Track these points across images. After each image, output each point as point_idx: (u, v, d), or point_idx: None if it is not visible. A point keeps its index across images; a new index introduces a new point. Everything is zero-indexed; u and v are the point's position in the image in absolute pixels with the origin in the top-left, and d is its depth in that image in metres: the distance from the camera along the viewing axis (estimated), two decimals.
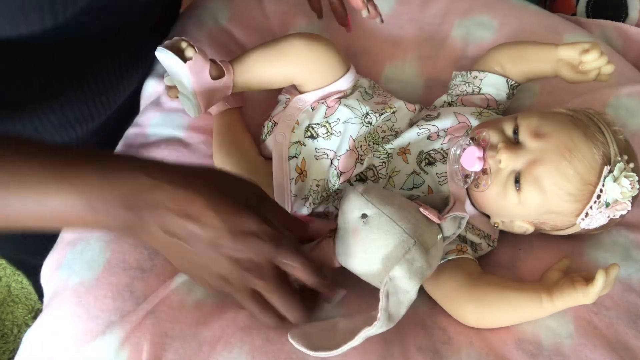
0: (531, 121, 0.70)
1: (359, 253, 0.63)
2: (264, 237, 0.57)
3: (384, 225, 0.62)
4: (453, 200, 0.68)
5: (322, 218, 0.77)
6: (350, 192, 0.65)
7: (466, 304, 0.69)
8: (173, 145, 0.80)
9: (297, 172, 0.77)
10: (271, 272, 0.59)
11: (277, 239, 0.58)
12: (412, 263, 0.61)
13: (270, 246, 0.57)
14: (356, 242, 0.63)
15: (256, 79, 0.79)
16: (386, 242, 0.62)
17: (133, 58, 0.81)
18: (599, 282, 0.63)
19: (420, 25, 0.92)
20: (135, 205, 0.56)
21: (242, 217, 0.57)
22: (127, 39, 0.76)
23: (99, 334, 0.66)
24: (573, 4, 1.02)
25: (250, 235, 0.57)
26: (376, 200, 0.63)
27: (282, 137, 0.79)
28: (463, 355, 0.67)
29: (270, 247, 0.57)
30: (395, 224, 0.62)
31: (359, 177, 0.76)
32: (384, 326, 0.60)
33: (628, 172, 0.67)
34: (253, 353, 0.65)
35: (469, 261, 0.72)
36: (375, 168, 0.76)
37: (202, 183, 0.57)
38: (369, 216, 0.63)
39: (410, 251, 0.61)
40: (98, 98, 0.77)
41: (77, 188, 0.55)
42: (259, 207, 0.59)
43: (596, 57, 0.73)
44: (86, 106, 0.76)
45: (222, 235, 0.57)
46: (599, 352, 0.66)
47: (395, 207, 0.63)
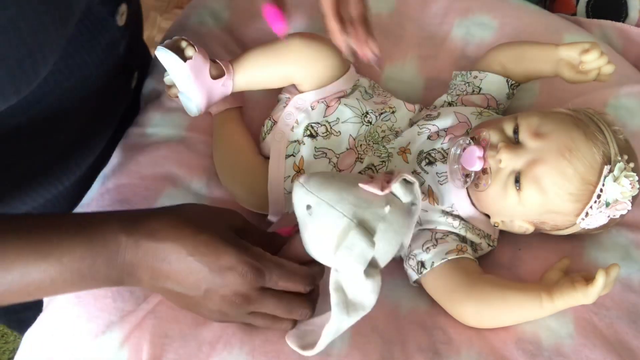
0: (531, 121, 0.70)
1: (315, 247, 0.62)
2: (244, 268, 0.58)
3: (324, 214, 0.60)
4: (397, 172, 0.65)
5: None
6: (294, 187, 0.63)
7: (466, 304, 0.69)
8: (173, 145, 0.80)
9: (294, 170, 0.77)
10: (264, 296, 0.60)
11: (256, 268, 0.59)
12: (351, 249, 0.59)
13: (252, 276, 0.58)
14: (309, 236, 0.62)
15: (256, 79, 0.79)
16: (331, 231, 0.60)
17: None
18: (599, 282, 0.63)
19: (420, 25, 0.92)
20: (121, 264, 0.58)
21: (219, 253, 0.58)
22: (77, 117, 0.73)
23: (99, 334, 0.66)
24: (573, 4, 1.02)
25: (230, 270, 0.58)
26: (315, 187, 0.61)
27: (280, 135, 0.79)
28: (463, 355, 0.67)
29: (253, 276, 0.58)
30: (333, 209, 0.60)
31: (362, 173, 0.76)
32: (345, 319, 0.60)
33: (628, 172, 0.67)
34: (253, 353, 0.65)
35: (469, 261, 0.72)
36: (375, 167, 0.76)
37: (175, 228, 0.59)
38: (312, 206, 0.61)
39: (349, 236, 0.59)
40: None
41: (60, 260, 0.56)
42: (237, 235, 0.61)
43: (596, 57, 0.73)
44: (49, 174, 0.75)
45: (206, 276, 0.58)
46: (599, 352, 0.66)
47: (333, 190, 0.61)
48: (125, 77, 0.82)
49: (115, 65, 0.75)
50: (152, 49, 1.55)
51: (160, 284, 0.59)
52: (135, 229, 0.58)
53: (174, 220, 0.60)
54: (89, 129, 0.77)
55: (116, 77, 0.77)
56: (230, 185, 0.79)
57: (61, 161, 0.75)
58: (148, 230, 0.58)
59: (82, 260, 0.57)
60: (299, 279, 0.61)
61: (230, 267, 0.58)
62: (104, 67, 0.71)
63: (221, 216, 0.63)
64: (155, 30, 1.94)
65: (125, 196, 0.75)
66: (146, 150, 0.79)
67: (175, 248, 0.58)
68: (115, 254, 0.58)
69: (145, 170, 0.77)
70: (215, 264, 0.58)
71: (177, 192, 0.77)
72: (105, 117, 0.80)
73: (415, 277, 0.73)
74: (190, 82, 0.74)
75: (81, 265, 0.57)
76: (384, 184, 0.61)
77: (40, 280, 0.56)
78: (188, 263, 0.58)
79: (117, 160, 0.79)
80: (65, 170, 0.76)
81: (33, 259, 0.56)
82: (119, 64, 0.76)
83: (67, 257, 0.56)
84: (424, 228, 0.75)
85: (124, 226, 0.58)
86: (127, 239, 0.58)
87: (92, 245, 0.57)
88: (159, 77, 0.86)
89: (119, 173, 0.77)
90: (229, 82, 0.77)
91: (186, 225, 0.59)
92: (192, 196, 0.77)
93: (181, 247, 0.58)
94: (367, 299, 0.60)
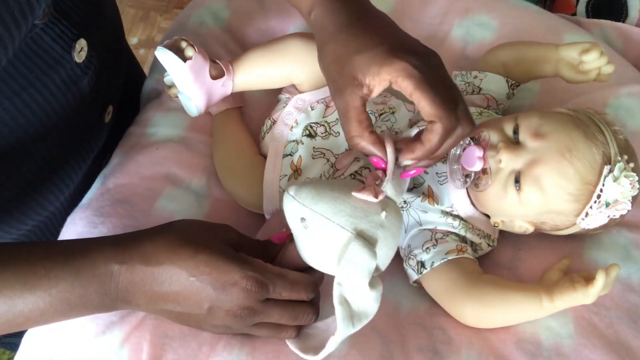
0: (531, 121, 0.70)
1: (313, 258, 0.62)
2: (248, 282, 0.58)
3: (321, 227, 0.59)
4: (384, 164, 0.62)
5: None
6: (285, 199, 0.62)
7: (466, 304, 0.69)
8: (173, 145, 0.80)
9: (291, 169, 0.77)
10: (268, 307, 0.60)
11: (260, 281, 0.58)
12: (353, 262, 0.59)
13: (256, 289, 0.58)
14: (305, 248, 0.62)
15: (256, 79, 0.79)
16: (330, 244, 0.60)
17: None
18: (599, 282, 0.63)
19: (420, 25, 0.92)
20: (115, 291, 0.57)
21: (221, 271, 0.57)
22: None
23: (99, 334, 0.66)
24: (573, 4, 1.02)
25: (234, 285, 0.57)
26: (307, 200, 0.60)
27: (279, 134, 0.79)
28: (463, 355, 0.67)
29: (257, 289, 0.58)
30: (330, 222, 0.59)
31: (353, 175, 0.76)
32: (350, 329, 0.60)
33: (628, 172, 0.67)
34: (253, 353, 0.65)
35: (469, 261, 0.72)
36: (371, 165, 0.76)
37: (171, 250, 0.58)
38: (306, 219, 0.60)
39: (349, 248, 0.59)
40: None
41: (49, 292, 0.55)
42: (235, 249, 0.60)
43: (596, 57, 0.73)
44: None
45: (210, 294, 0.57)
46: (599, 352, 0.66)
47: (327, 201, 0.60)
48: (97, 112, 0.78)
49: (79, 101, 0.71)
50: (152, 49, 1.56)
51: (159, 307, 0.59)
52: (129, 255, 0.57)
53: (169, 242, 0.58)
54: (57, 165, 0.74)
55: (83, 113, 0.73)
56: (230, 185, 0.79)
57: (25, 199, 0.73)
58: (142, 255, 0.57)
59: (71, 290, 0.56)
60: (301, 287, 0.61)
61: (234, 282, 0.57)
62: (61, 104, 0.68)
63: (215, 231, 0.62)
64: (155, 30, 1.95)
65: (125, 196, 0.75)
66: (146, 150, 0.79)
67: (175, 270, 0.57)
68: (107, 283, 0.57)
69: (145, 170, 0.77)
70: (219, 281, 0.57)
71: (177, 192, 0.77)
72: (77, 153, 0.77)
73: (415, 277, 0.73)
74: (190, 82, 0.74)
75: (71, 295, 0.56)
76: (377, 190, 0.60)
77: (29, 311, 0.55)
78: (190, 284, 0.57)
79: (117, 160, 0.79)
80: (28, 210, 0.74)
81: (19, 291, 0.54)
82: (85, 100, 0.72)
83: (56, 289, 0.55)
84: (424, 228, 0.75)
85: (116, 253, 0.57)
86: (120, 267, 0.57)
87: (82, 275, 0.56)
88: (158, 77, 0.86)
89: (119, 173, 0.77)
90: (229, 82, 0.77)
91: (182, 246, 0.58)
92: (192, 196, 0.77)
93: (181, 269, 0.57)
94: (370, 308, 0.61)
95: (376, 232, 0.59)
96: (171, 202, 0.76)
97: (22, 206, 0.72)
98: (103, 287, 0.57)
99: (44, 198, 0.75)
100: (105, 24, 0.76)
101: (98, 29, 0.72)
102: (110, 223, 0.72)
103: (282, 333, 0.63)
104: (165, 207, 0.75)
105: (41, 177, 0.72)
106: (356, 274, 0.59)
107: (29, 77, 0.62)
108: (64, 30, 0.65)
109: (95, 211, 0.74)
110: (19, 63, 0.61)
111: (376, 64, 0.57)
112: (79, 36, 0.67)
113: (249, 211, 0.79)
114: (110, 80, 0.79)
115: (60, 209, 0.78)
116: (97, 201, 0.75)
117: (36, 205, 0.74)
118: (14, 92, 0.62)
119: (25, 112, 0.64)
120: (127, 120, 0.84)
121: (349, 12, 0.60)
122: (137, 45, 1.90)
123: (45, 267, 0.56)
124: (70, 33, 0.66)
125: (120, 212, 0.74)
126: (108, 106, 0.80)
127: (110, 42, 0.77)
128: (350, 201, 0.60)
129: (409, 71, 0.57)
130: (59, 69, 0.66)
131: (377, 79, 0.58)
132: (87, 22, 0.69)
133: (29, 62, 0.62)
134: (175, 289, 0.57)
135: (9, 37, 0.55)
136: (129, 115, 0.85)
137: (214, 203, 0.78)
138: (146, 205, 0.75)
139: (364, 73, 0.58)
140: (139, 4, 2.01)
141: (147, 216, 0.74)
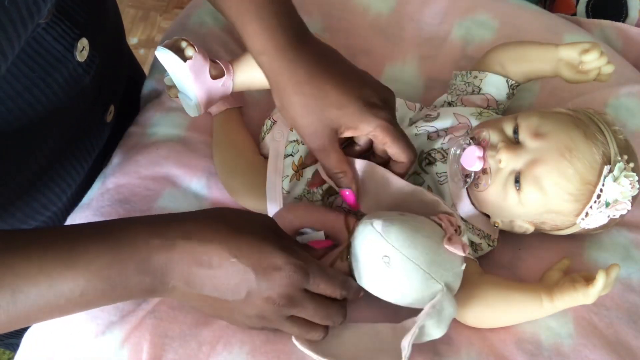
0: (531, 121, 0.70)
1: (381, 291, 0.63)
2: (291, 268, 0.57)
3: (409, 272, 0.60)
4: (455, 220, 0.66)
5: None
6: (368, 232, 0.63)
7: (466, 304, 0.69)
8: (173, 145, 0.80)
9: (293, 169, 0.77)
10: (306, 299, 0.59)
11: (303, 268, 0.58)
12: (441, 312, 0.61)
13: (299, 277, 0.57)
14: (378, 281, 0.63)
15: (256, 79, 0.79)
16: (413, 289, 0.61)
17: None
18: (599, 282, 0.63)
19: (420, 25, 0.92)
20: (153, 269, 0.55)
21: (264, 254, 0.56)
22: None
23: (99, 334, 0.66)
24: (573, 4, 1.02)
25: (277, 271, 0.57)
26: (398, 242, 0.61)
27: (280, 134, 0.79)
28: (463, 355, 0.67)
29: (299, 277, 0.57)
30: (420, 269, 0.60)
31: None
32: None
33: (628, 172, 0.67)
34: (253, 353, 0.65)
35: (469, 261, 0.72)
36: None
37: (215, 230, 0.57)
38: (391, 259, 0.61)
39: (440, 299, 0.60)
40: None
41: (88, 268, 0.53)
42: (276, 238, 0.59)
43: (596, 57, 0.73)
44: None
45: (250, 278, 0.56)
46: (599, 352, 0.66)
47: (420, 249, 0.61)
48: (99, 111, 0.78)
49: (81, 101, 0.71)
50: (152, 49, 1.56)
51: (196, 291, 0.57)
52: (169, 230, 0.56)
53: (211, 221, 0.58)
54: (60, 165, 0.74)
55: (85, 113, 0.73)
56: (230, 186, 0.79)
57: (28, 199, 0.72)
58: (183, 232, 0.56)
59: (110, 266, 0.54)
60: (338, 283, 0.60)
61: (277, 268, 0.56)
62: (64, 104, 0.67)
63: (257, 218, 0.62)
64: (155, 30, 1.95)
65: (125, 196, 0.75)
66: (146, 150, 0.79)
67: (217, 249, 0.55)
68: (147, 259, 0.55)
69: (145, 170, 0.77)
70: (261, 265, 0.56)
71: (177, 192, 0.77)
72: (79, 153, 0.77)
73: None
74: (190, 82, 0.74)
75: (110, 272, 0.54)
76: (464, 244, 0.62)
77: (70, 291, 0.53)
78: (231, 265, 0.56)
79: (117, 160, 0.79)
80: (31, 211, 0.73)
81: (59, 270, 0.52)
82: (87, 100, 0.72)
83: (95, 265, 0.53)
84: None
85: (155, 228, 0.56)
86: (160, 241, 0.55)
87: (121, 250, 0.54)
88: (159, 77, 0.86)
89: (119, 173, 0.77)
90: (229, 82, 0.77)
91: (225, 226, 0.57)
92: (192, 196, 0.77)
93: (223, 248, 0.55)
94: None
95: (457, 283, 0.63)
96: (171, 202, 0.76)
97: (25, 206, 0.72)
98: (142, 264, 0.55)
99: (46, 198, 0.74)
100: (107, 23, 0.76)
101: (99, 29, 0.72)
102: None
103: (311, 332, 0.61)
104: (165, 207, 0.75)
105: (44, 177, 0.72)
106: (442, 323, 0.61)
107: (32, 77, 0.62)
108: (65, 29, 0.65)
109: (95, 211, 0.74)
110: (22, 63, 0.61)
111: (354, 120, 0.65)
112: (81, 35, 0.67)
113: None
114: (111, 80, 0.78)
115: (62, 208, 0.77)
116: (97, 201, 0.75)
117: (39, 206, 0.74)
118: (17, 93, 0.61)
119: (28, 112, 0.63)
120: (127, 121, 0.84)
121: (307, 62, 0.64)
122: (137, 45, 1.90)
123: (84, 244, 0.54)
124: (72, 32, 0.66)
125: (120, 212, 0.74)
126: (110, 106, 0.80)
127: (111, 41, 0.77)
128: (441, 251, 0.62)
129: (385, 126, 0.65)
130: (61, 69, 0.66)
131: (356, 131, 0.66)
132: (89, 21, 0.69)
133: (32, 62, 0.62)
134: (215, 269, 0.55)
135: (17, 36, 0.55)
136: (129, 115, 0.85)
137: (214, 203, 0.78)
138: (146, 206, 0.75)
139: (343, 127, 0.66)
140: (139, 4, 2.01)
141: None
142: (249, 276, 0.56)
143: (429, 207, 0.68)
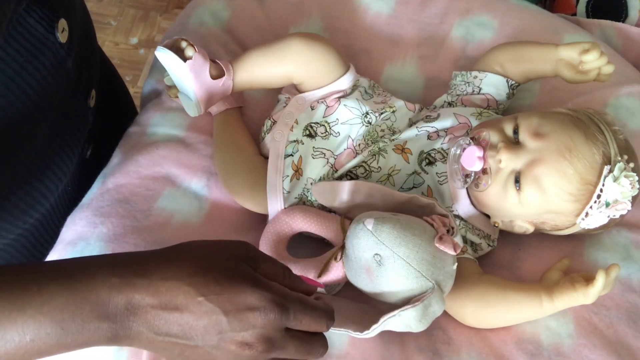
0: (531, 121, 0.70)
1: (373, 290, 0.63)
2: (267, 307, 0.50)
3: (399, 269, 0.61)
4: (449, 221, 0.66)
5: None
6: (359, 231, 0.63)
7: (466, 304, 0.69)
8: (173, 145, 0.80)
9: (293, 169, 0.77)
10: (286, 339, 0.52)
11: (281, 305, 0.51)
12: (427, 307, 0.61)
13: (277, 315, 0.51)
14: (370, 280, 0.63)
15: (256, 79, 0.79)
16: (403, 287, 0.61)
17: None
18: (599, 282, 0.63)
19: (420, 25, 0.92)
20: (113, 312, 0.49)
21: (235, 292, 0.50)
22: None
23: None
24: (573, 4, 1.02)
25: (251, 311, 0.50)
26: (389, 240, 0.61)
27: (280, 135, 0.79)
28: (463, 355, 0.67)
29: (278, 316, 0.51)
30: (411, 267, 0.61)
31: (349, 175, 0.76)
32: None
33: (628, 172, 0.67)
34: None
35: (469, 261, 0.72)
36: (366, 163, 0.76)
37: (178, 266, 0.51)
38: (382, 257, 0.61)
39: (428, 295, 0.61)
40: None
41: (39, 310, 0.48)
42: (252, 269, 0.53)
43: (596, 57, 0.73)
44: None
45: (220, 320, 0.50)
46: (599, 352, 0.66)
47: (410, 247, 0.61)
48: (82, 95, 0.75)
49: (66, 83, 0.68)
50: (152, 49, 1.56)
51: (161, 337, 0.50)
52: (129, 268, 0.50)
53: (175, 257, 0.52)
54: (47, 156, 0.71)
55: (70, 97, 0.71)
56: (230, 186, 0.79)
57: (21, 193, 0.69)
58: (145, 269, 0.50)
59: (64, 309, 0.48)
60: (322, 314, 0.54)
61: (251, 307, 0.50)
62: (52, 87, 0.65)
63: (228, 249, 0.55)
64: (155, 30, 1.94)
65: (124, 196, 0.75)
66: (146, 150, 0.79)
67: (181, 288, 0.50)
68: (105, 301, 0.49)
69: (145, 170, 0.77)
70: (231, 303, 0.50)
71: (177, 192, 0.77)
72: (69, 139, 0.73)
73: None
74: (190, 82, 0.74)
75: (64, 315, 0.48)
76: (455, 244, 0.62)
77: (19, 337, 0.47)
78: (197, 305, 0.49)
79: (117, 160, 0.79)
80: (25, 206, 0.70)
81: (8, 311, 0.47)
82: (71, 82, 0.70)
83: (48, 306, 0.48)
84: None
85: (115, 267, 0.50)
86: (119, 280, 0.49)
87: (77, 290, 0.49)
88: (159, 77, 0.86)
89: (119, 173, 0.77)
90: (229, 82, 0.77)
91: (190, 262, 0.51)
92: (192, 196, 0.77)
93: (189, 286, 0.50)
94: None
95: (448, 282, 0.63)
96: (171, 202, 0.76)
97: (20, 201, 0.71)
98: (100, 308, 0.49)
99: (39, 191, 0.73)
100: (75, 5, 0.76)
101: (72, 9, 0.72)
102: (110, 223, 0.72)
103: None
104: (165, 207, 0.75)
105: (37, 165, 0.70)
106: (425, 319, 0.61)
107: (21, 61, 0.61)
108: (45, 11, 0.64)
109: (95, 211, 0.74)
110: (9, 47, 0.60)
111: None
112: (60, 17, 0.66)
113: (250, 211, 0.79)
114: (88, 64, 0.77)
115: (58, 201, 0.77)
116: (97, 201, 0.75)
117: (33, 201, 0.73)
118: (9, 77, 0.60)
119: (21, 97, 0.62)
120: (127, 120, 0.84)
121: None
122: (137, 45, 1.90)
123: (39, 283, 0.48)
124: (50, 14, 0.65)
125: (120, 212, 0.74)
126: (91, 90, 0.78)
127: (81, 25, 0.76)
128: (431, 249, 0.62)
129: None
130: (46, 51, 0.65)
131: None
132: (63, 4, 0.69)
133: (18, 45, 0.61)
134: (180, 311, 0.50)
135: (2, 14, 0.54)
136: (109, 104, 0.84)
137: (214, 203, 0.78)
138: (146, 205, 0.75)
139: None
140: (139, 4, 2.00)
141: (147, 216, 0.74)
142: (219, 317, 0.50)
143: (426, 210, 0.68)
